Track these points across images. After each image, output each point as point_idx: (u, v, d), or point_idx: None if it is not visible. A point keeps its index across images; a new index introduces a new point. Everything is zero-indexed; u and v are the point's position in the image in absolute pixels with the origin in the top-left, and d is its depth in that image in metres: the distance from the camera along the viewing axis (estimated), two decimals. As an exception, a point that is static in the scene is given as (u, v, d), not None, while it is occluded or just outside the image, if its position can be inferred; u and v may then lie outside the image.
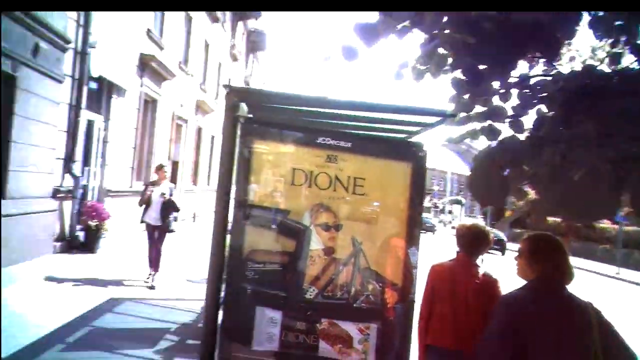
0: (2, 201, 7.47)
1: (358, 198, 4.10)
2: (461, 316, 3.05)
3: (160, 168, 8.56)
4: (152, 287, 7.70)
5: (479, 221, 3.45)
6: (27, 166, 8.08)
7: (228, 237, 4.18)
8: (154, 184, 8.44)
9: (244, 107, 5.51)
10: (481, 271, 3.20)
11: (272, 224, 4.13)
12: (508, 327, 2.29)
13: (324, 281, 3.99)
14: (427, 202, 55.65)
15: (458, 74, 2.40)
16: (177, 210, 8.21)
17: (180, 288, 7.95)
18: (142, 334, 5.62)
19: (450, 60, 2.49)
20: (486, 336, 2.39)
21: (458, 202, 49.76)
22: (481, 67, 2.22)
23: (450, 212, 35.03)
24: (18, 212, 7.77)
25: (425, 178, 4.21)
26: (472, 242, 3.27)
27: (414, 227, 4.09)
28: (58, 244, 9.46)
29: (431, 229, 42.60)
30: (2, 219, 7.27)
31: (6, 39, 7.07)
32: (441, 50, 2.53)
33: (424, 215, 45.85)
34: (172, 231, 8.11)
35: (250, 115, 5.73)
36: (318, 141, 4.18)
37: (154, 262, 7.98)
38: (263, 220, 4.12)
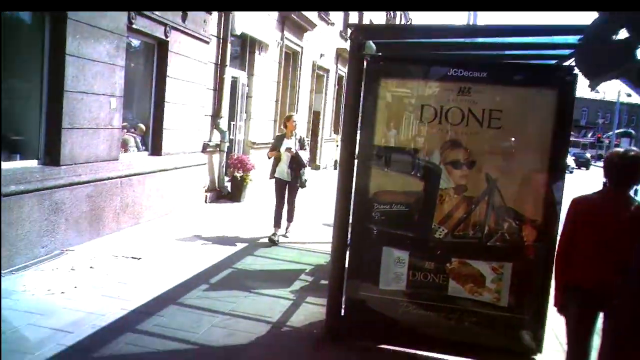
0: (160, 157, 8.27)
1: (493, 132, 3.78)
2: (606, 254, 2.68)
3: (288, 119, 7.78)
4: (285, 236, 7.59)
5: (632, 148, 2.97)
6: (180, 124, 8.81)
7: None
8: (282, 137, 7.61)
9: (372, 45, 5.34)
10: (634, 204, 2.77)
11: (400, 164, 3.99)
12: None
13: (455, 220, 3.79)
14: (589, 138, 50.78)
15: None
16: (304, 166, 7.57)
17: (317, 232, 8.18)
18: (278, 275, 5.90)
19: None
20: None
21: (627, 134, 44.42)
22: None
23: (616, 145, 31.41)
24: (172, 166, 8.55)
25: (573, 106, 3.73)
26: (624, 171, 2.82)
27: (558, 160, 3.68)
28: (208, 194, 10.21)
29: (585, 163, 39.24)
30: (160, 173, 8.07)
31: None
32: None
33: (579, 150, 41.45)
34: (303, 186, 7.65)
35: (379, 54, 5.56)
36: (449, 73, 3.90)
37: (289, 214, 7.69)
38: (390, 161, 4.00)
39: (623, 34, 1.87)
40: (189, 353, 3.90)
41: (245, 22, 10.72)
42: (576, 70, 3.54)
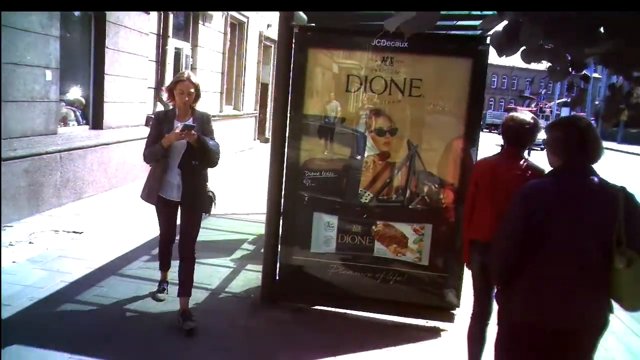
0: (102, 131, 8.16)
1: (414, 100, 3.97)
2: (503, 209, 2.93)
3: (177, 83, 3.97)
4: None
5: (527, 113, 3.21)
6: (121, 97, 8.68)
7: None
8: (166, 115, 4.10)
9: (302, 16, 5.42)
10: (526, 163, 3.02)
11: (327, 132, 4.16)
12: (521, 213, 2.30)
13: (379, 185, 4.01)
14: (532, 107, 52.14)
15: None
16: (212, 164, 4.10)
17: (261, 202, 8.30)
18: (220, 245, 6.03)
19: None
20: (503, 221, 2.40)
21: (567, 104, 46.04)
22: None
23: (557, 115, 32.53)
24: (115, 140, 8.44)
25: (486, 74, 3.96)
26: (516, 134, 3.07)
27: (474, 127, 3.92)
28: (156, 168, 10.17)
29: None
30: (102, 147, 7.97)
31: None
32: None
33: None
34: (207, 211, 4.17)
35: (312, 25, 5.66)
36: (372, 44, 4.05)
37: (184, 277, 4.09)
38: (318, 129, 4.16)
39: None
40: (127, 320, 4.02)
41: (187, -9, 10.53)
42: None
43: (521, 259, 2.32)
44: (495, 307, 2.71)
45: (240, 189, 8.85)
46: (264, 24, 16.02)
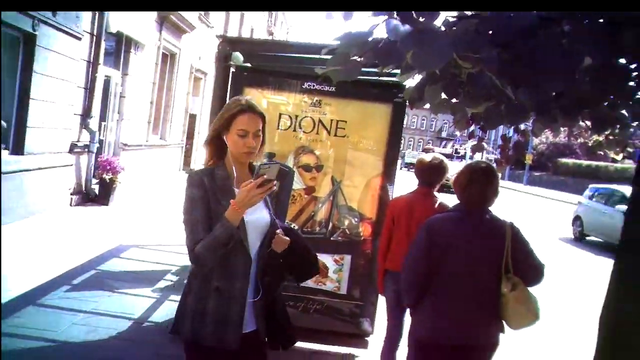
0: (22, 157, 7.91)
1: (339, 140, 4.28)
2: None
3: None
4: None
5: (438, 155, 3.61)
6: (46, 122, 8.48)
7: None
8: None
9: (239, 56, 5.67)
10: (438, 201, 3.41)
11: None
12: (425, 244, 2.63)
13: (304, 218, 4.25)
14: (448, 149, 54.74)
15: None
16: None
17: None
18: (143, 276, 6.01)
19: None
20: (409, 253, 2.73)
21: (480, 148, 48.66)
22: None
23: (471, 157, 34.64)
24: (36, 166, 8.20)
25: (404, 119, 4.36)
26: (429, 174, 3.47)
27: (391, 165, 4.29)
28: (74, 197, 9.86)
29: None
30: (22, 173, 7.72)
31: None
32: None
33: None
34: None
35: (247, 64, 5.91)
36: (304, 86, 4.35)
37: None
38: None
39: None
40: (46, 350, 3.95)
41: (121, 20, 10.53)
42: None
43: (426, 283, 2.64)
44: (406, 330, 3.00)
45: (165, 219, 8.79)
46: (195, 56, 16.15)
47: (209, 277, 2.18)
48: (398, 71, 4.66)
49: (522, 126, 2.93)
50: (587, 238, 14.04)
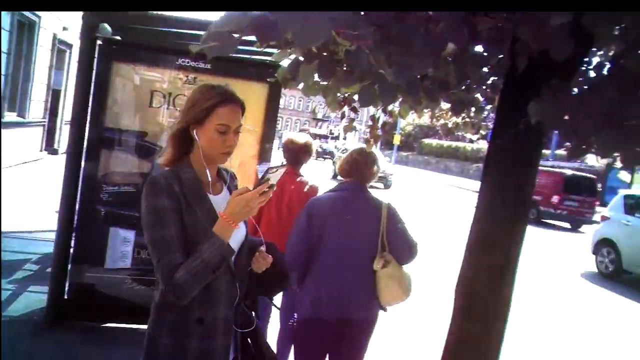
0: None
1: (216, 119, 4.18)
2: (285, 220, 3.34)
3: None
4: None
5: (306, 135, 3.74)
6: None
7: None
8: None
9: (107, 27, 5.29)
10: (305, 180, 3.53)
11: (129, 146, 4.15)
12: (305, 224, 2.72)
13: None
14: (324, 130, 56.30)
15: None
16: None
17: (48, 220, 7.67)
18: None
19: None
20: (290, 234, 2.80)
21: (351, 128, 50.98)
22: None
23: (345, 138, 35.99)
24: None
25: (280, 99, 4.39)
26: (295, 154, 3.60)
27: (267, 144, 4.32)
28: None
29: (331, 153, 35.61)
30: None
31: None
32: None
33: (324, 144, 44.09)
34: None
35: (117, 37, 5.53)
36: (178, 63, 4.17)
37: None
38: (118, 143, 4.13)
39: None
40: None
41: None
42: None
43: (308, 263, 2.73)
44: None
45: (24, 204, 8.05)
46: (59, 26, 14.82)
47: (186, 306, 1.71)
48: (275, 50, 4.67)
49: (389, 107, 3.08)
50: (627, 275, 9.20)
